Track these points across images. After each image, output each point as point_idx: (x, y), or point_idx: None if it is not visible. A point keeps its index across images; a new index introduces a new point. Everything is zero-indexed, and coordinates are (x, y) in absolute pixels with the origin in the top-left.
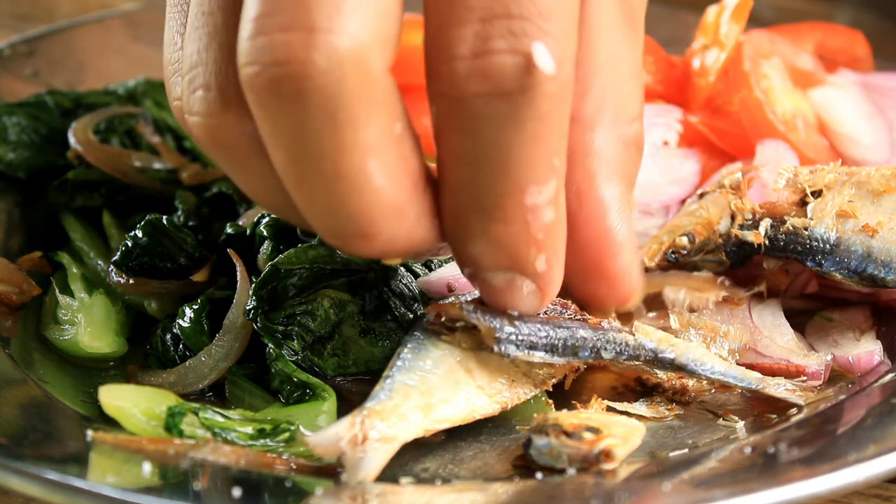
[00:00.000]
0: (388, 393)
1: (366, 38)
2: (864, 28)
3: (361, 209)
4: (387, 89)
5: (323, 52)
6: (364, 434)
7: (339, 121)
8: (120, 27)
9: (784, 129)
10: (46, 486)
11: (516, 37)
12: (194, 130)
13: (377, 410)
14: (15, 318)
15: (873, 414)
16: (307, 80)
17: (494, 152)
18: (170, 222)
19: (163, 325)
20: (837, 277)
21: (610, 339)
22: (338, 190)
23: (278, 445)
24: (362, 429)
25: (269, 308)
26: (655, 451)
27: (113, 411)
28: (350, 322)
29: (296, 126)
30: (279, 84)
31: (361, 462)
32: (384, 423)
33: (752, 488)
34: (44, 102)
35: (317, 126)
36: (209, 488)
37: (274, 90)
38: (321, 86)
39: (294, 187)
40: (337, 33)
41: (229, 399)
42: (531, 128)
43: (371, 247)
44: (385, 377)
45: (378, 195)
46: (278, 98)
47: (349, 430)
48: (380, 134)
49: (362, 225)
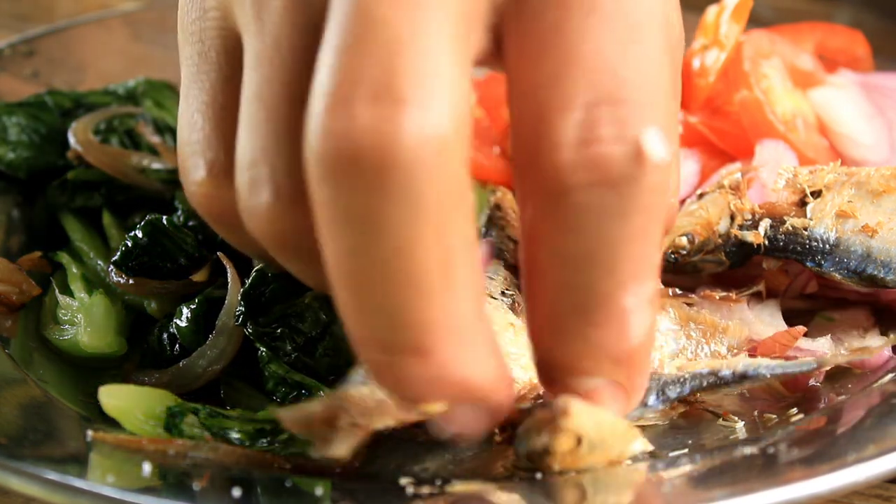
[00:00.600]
0: (364, 379)
1: (454, 119)
2: (864, 28)
3: (424, 319)
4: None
5: (413, 127)
6: (336, 416)
7: (421, 208)
8: (120, 27)
9: (784, 130)
10: (46, 486)
11: (624, 123)
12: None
13: (352, 395)
14: (15, 318)
15: (873, 414)
16: (392, 157)
17: (599, 249)
18: (170, 222)
19: (160, 325)
20: (837, 277)
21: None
22: (404, 292)
23: (278, 445)
24: (334, 411)
25: (259, 312)
26: (655, 451)
27: (113, 411)
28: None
29: (369, 210)
30: (359, 159)
31: (329, 444)
32: (357, 408)
33: (752, 488)
34: (44, 102)
35: (395, 212)
36: (209, 488)
37: (351, 166)
38: (407, 163)
39: (347, 283)
40: (428, 109)
41: (225, 401)
42: (637, 221)
43: (424, 365)
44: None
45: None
46: (355, 176)
47: (322, 410)
48: (461, 233)
49: (420, 338)
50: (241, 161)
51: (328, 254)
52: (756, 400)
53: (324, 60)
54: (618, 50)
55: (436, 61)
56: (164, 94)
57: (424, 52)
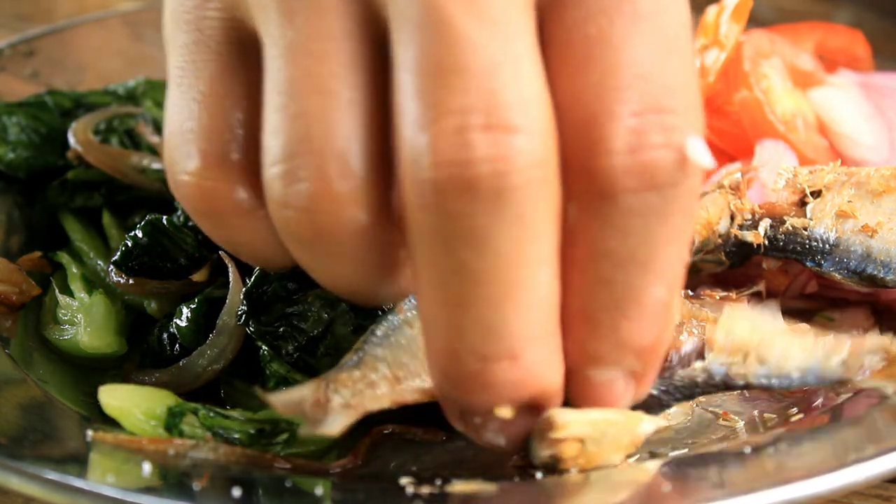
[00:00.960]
0: (357, 363)
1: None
2: (864, 28)
3: (519, 328)
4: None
5: (524, 153)
6: (327, 398)
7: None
8: (120, 27)
9: (784, 129)
10: (46, 486)
11: (671, 131)
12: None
13: (342, 378)
14: (15, 318)
15: (873, 414)
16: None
17: (640, 248)
18: (170, 222)
19: (160, 325)
20: (837, 277)
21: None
22: (504, 305)
23: (278, 445)
24: (326, 393)
25: (261, 311)
26: (655, 451)
27: (113, 411)
28: (342, 321)
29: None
30: (476, 186)
31: (321, 423)
32: (348, 390)
33: (752, 488)
34: (44, 102)
35: (506, 232)
36: (209, 488)
37: (467, 193)
38: (520, 187)
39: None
40: (534, 134)
41: (225, 401)
42: (675, 222)
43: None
44: (356, 349)
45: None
46: (470, 201)
47: (313, 392)
48: (553, 246)
49: (514, 345)
50: (277, 152)
51: (425, 271)
52: (756, 400)
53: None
54: (661, 59)
55: (531, 84)
56: (164, 95)
57: (520, 75)
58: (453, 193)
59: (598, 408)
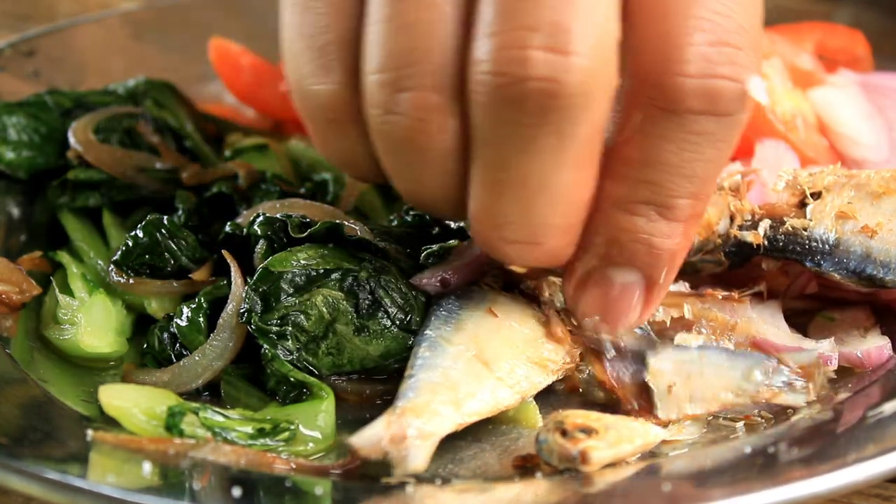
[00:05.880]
0: (416, 391)
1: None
2: (864, 28)
3: (547, 220)
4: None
5: (578, 77)
6: (402, 432)
7: (566, 141)
8: (120, 27)
9: (784, 129)
10: (46, 485)
11: (739, 66)
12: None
13: (410, 408)
14: (15, 318)
15: (873, 414)
16: (555, 101)
17: (689, 162)
18: (170, 222)
19: (160, 324)
20: (837, 278)
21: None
22: (537, 200)
23: (278, 445)
24: (400, 426)
25: (263, 309)
26: (656, 450)
27: (113, 411)
28: (344, 320)
29: (525, 138)
30: (526, 99)
31: (406, 459)
32: (419, 419)
33: (752, 488)
34: (44, 102)
35: (545, 141)
36: (209, 488)
37: (518, 104)
38: (565, 106)
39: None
40: (592, 59)
41: (225, 399)
42: (722, 147)
43: (533, 253)
44: (408, 377)
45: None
46: (519, 111)
47: (387, 428)
48: (591, 156)
49: (538, 233)
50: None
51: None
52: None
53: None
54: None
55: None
56: (164, 94)
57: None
58: (503, 100)
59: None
